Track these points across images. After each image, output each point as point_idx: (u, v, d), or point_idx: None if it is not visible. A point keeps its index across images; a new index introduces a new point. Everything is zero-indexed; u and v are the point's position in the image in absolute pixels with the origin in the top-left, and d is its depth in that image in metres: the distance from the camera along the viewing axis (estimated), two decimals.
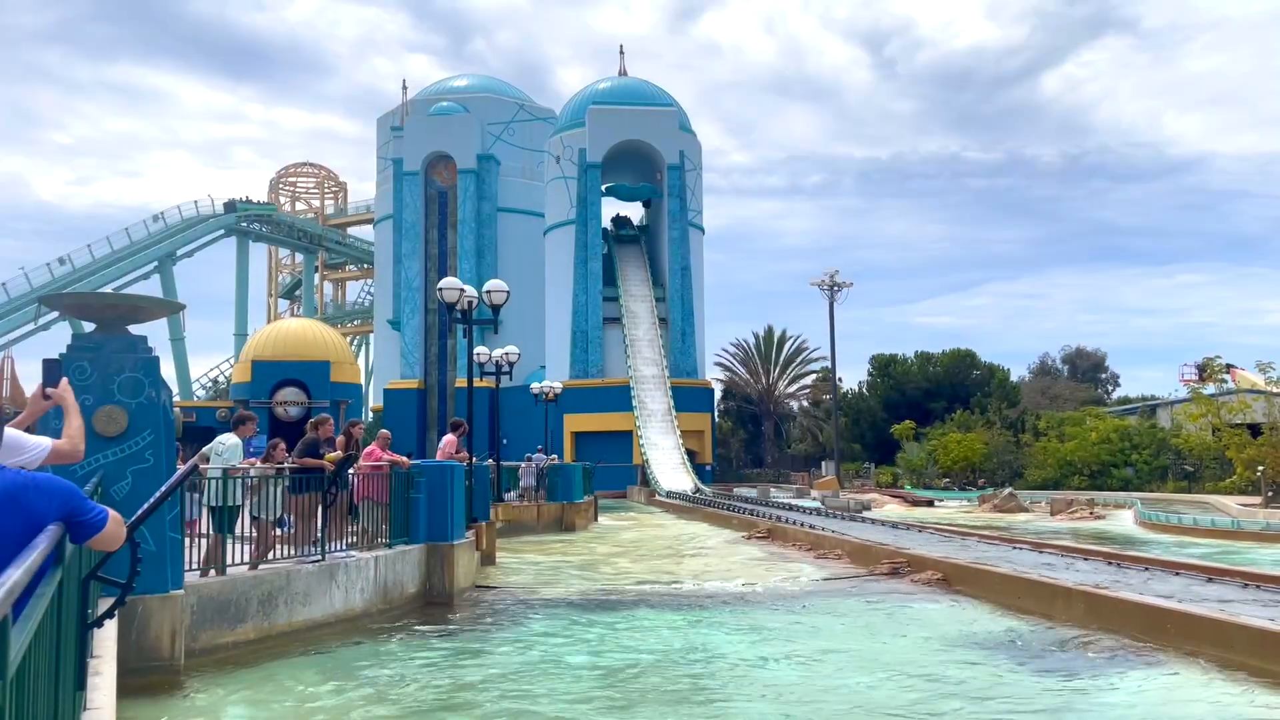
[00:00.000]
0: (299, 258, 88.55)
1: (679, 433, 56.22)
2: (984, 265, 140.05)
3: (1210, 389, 50.56)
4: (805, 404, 78.02)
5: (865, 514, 33.45)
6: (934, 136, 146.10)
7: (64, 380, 4.03)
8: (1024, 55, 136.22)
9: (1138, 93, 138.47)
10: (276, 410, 40.76)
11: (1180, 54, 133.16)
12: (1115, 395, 71.94)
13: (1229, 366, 54.40)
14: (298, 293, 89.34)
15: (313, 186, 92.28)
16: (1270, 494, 34.63)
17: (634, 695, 8.60)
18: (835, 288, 55.23)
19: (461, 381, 42.38)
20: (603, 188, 64.82)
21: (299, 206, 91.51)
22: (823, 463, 61.83)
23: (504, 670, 9.69)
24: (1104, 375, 75.64)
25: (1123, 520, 33.70)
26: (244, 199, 79.69)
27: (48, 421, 4.63)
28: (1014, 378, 69.30)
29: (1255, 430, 42.82)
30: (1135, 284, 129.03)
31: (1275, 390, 47.18)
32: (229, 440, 10.91)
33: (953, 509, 40.89)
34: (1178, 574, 14.04)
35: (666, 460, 53.96)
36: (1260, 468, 36.80)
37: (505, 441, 35.99)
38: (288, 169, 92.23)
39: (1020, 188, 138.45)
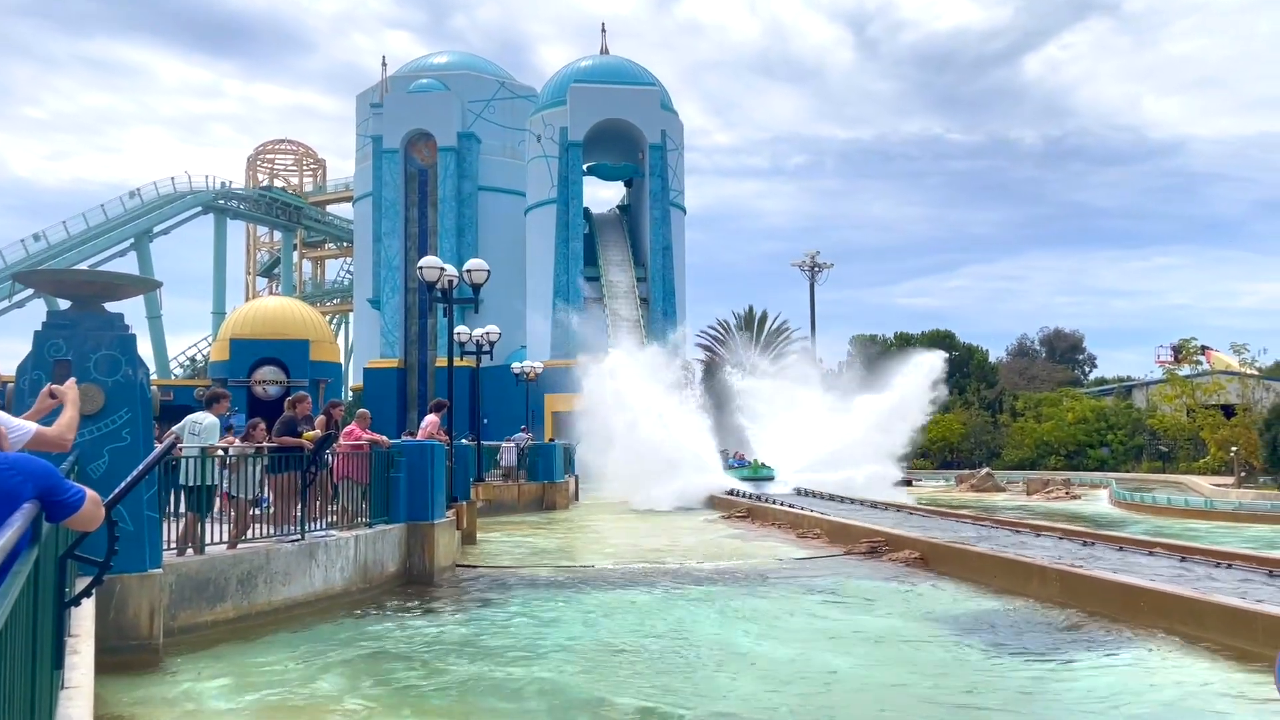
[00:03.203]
0: (277, 236, 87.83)
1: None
2: (964, 247, 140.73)
3: (1185, 370, 51.17)
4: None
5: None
6: (916, 118, 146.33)
7: (71, 380, 4.25)
8: (1006, 37, 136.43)
9: (1118, 76, 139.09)
10: (255, 389, 40.57)
11: (1160, 37, 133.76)
12: (1092, 376, 72.55)
13: (1204, 348, 55.06)
14: (276, 271, 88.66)
15: (291, 164, 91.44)
16: (1243, 474, 35.11)
17: (611, 670, 8.65)
18: (816, 268, 55.39)
19: (442, 361, 42.17)
20: (584, 167, 64.54)
21: (277, 184, 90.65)
22: None
23: (483, 647, 9.73)
24: (1081, 356, 76.18)
25: (1098, 500, 34.10)
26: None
27: (53, 420, 4.64)
28: (992, 359, 69.79)
29: (1229, 411, 43.36)
30: (1113, 266, 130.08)
31: (1249, 372, 47.78)
32: (205, 419, 10.83)
33: (931, 489, 41.23)
34: (1151, 553, 14.23)
35: None
36: (1234, 448, 37.30)
37: (486, 421, 35.92)
38: (266, 145, 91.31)
39: (1001, 170, 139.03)
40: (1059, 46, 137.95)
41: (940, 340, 68.18)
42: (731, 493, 29.69)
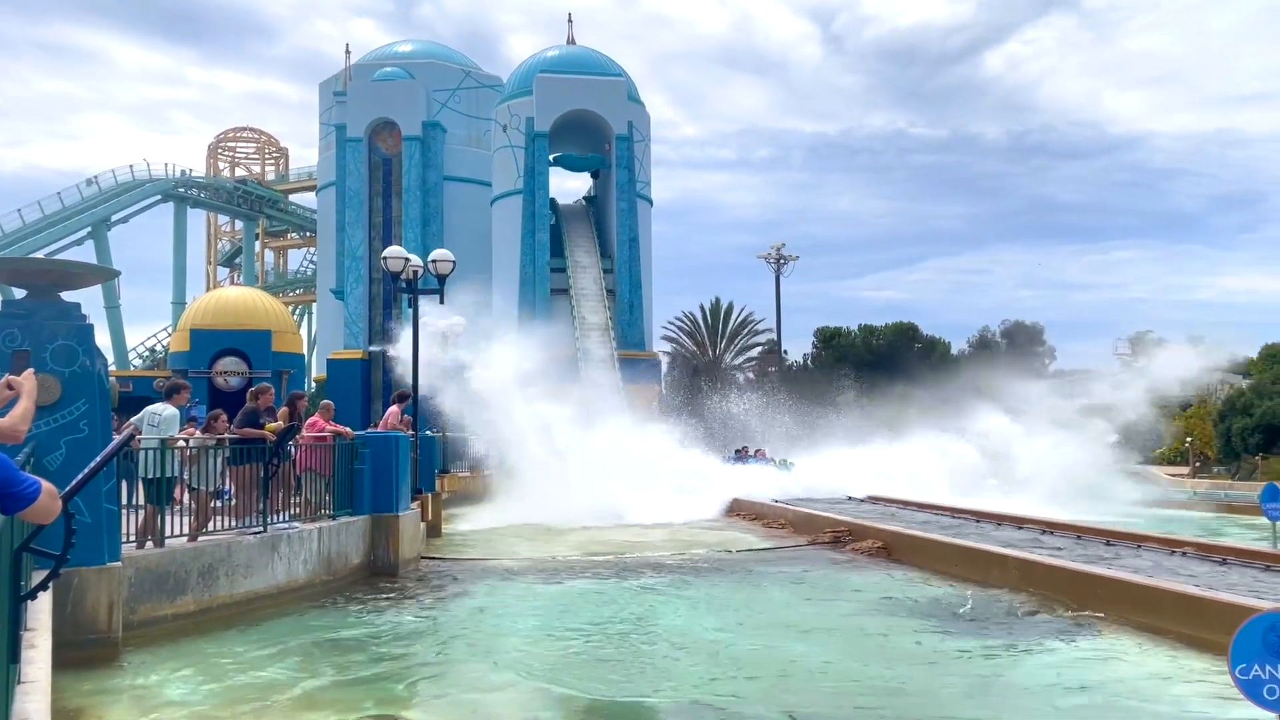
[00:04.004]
0: (239, 225, 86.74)
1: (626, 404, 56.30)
2: (928, 240, 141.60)
3: (1143, 362, 51.96)
4: (751, 376, 78.63)
5: None
6: (881, 112, 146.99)
7: (29, 370, 4.16)
8: (969, 32, 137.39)
9: (1079, 71, 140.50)
10: (217, 380, 40.09)
11: (1120, 33, 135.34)
12: (1052, 368, 73.45)
13: (1161, 341, 55.91)
14: (238, 260, 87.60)
15: (253, 152, 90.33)
16: (1198, 464, 35.80)
17: (574, 660, 8.67)
18: (782, 261, 55.62)
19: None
20: (550, 158, 64.29)
21: (239, 172, 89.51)
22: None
23: (446, 638, 9.71)
24: (1041, 349, 77.08)
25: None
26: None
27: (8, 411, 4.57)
28: (955, 350, 70.47)
29: (1185, 403, 44.17)
30: (1073, 260, 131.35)
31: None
32: (165, 410, 10.69)
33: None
34: (1108, 542, 14.47)
35: None
36: (1189, 439, 38.02)
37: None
38: (227, 133, 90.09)
39: (964, 164, 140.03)
40: (1021, 42, 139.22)
41: (904, 332, 68.85)
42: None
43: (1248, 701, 5.39)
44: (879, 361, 65.78)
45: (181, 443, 10.82)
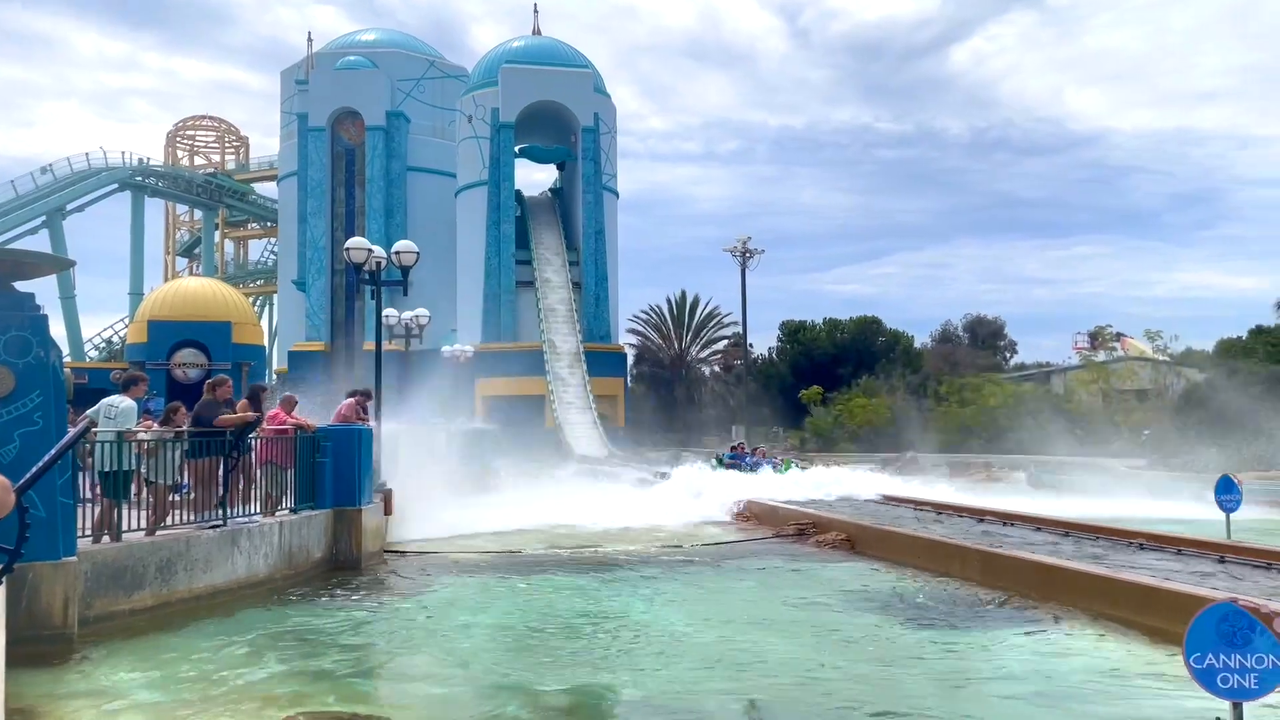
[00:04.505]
0: (198, 214, 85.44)
1: (592, 397, 56.28)
2: (892, 234, 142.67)
3: (1101, 357, 52.86)
4: (717, 369, 78.85)
5: None
6: (847, 106, 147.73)
7: None
8: (934, 28, 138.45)
9: (1041, 68, 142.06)
10: (175, 372, 39.41)
11: (1082, 30, 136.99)
12: (1013, 362, 74.30)
13: (1119, 335, 56.91)
14: (197, 251, 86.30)
15: (212, 140, 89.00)
16: (1155, 457, 36.42)
17: (538, 654, 8.65)
18: (747, 254, 55.75)
19: (370, 344, 41.59)
20: (516, 149, 63.97)
21: (198, 161, 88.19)
22: (733, 427, 62.62)
23: (409, 632, 9.65)
24: (1002, 343, 77.91)
25: (1017, 481, 35.03)
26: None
27: None
28: (918, 344, 71.08)
29: (1142, 396, 44.96)
30: (1034, 255, 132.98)
31: (1161, 358, 49.57)
32: (122, 403, 10.51)
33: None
34: (1068, 534, 14.67)
35: (579, 424, 54.00)
36: (1146, 432, 38.67)
37: (416, 406, 35.50)
38: (186, 121, 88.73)
39: (928, 159, 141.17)
40: (985, 38, 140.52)
41: (868, 326, 69.33)
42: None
43: (1202, 690, 5.49)
44: (843, 355, 66.19)
45: (139, 436, 10.65)
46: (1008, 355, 76.55)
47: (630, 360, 72.79)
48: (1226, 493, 14.79)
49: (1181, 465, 33.26)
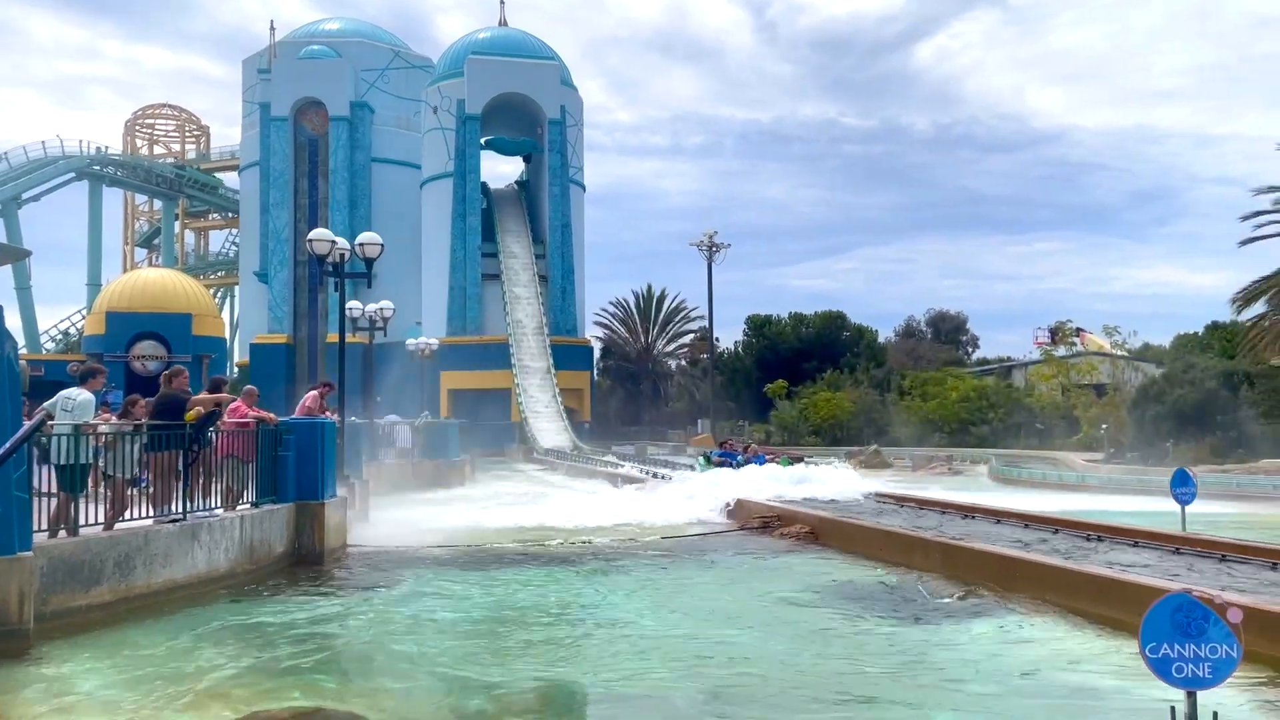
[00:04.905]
0: (157, 204, 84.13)
1: (558, 390, 56.17)
2: (857, 230, 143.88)
3: (1061, 351, 53.58)
4: (683, 363, 79.04)
5: None
6: (813, 101, 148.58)
7: None
8: (900, 24, 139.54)
9: (1005, 66, 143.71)
10: (134, 365, 38.94)
11: (1044, 29, 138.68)
12: (975, 356, 75.17)
13: (1079, 330, 57.71)
14: (156, 241, 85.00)
15: (172, 129, 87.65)
16: (1112, 451, 36.99)
17: (504, 648, 8.64)
18: (714, 249, 55.88)
19: (333, 337, 41.06)
20: (482, 141, 63.62)
21: (157, 150, 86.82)
22: (699, 420, 62.83)
23: (373, 627, 9.59)
24: (965, 337, 78.81)
25: (978, 475, 35.48)
26: None
27: None
28: (881, 339, 71.64)
29: (1100, 390, 45.61)
30: (996, 251, 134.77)
31: (1120, 353, 50.33)
32: (80, 396, 10.34)
33: (822, 466, 42.12)
34: (1027, 526, 14.87)
35: (545, 418, 53.92)
36: (1104, 426, 39.26)
37: (379, 399, 35.27)
38: (145, 110, 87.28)
39: (894, 155, 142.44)
40: (949, 35, 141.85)
41: (832, 321, 69.73)
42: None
43: (1158, 679, 5.58)
44: (808, 349, 66.56)
45: (97, 429, 10.48)
46: (970, 350, 77.45)
47: (597, 354, 72.85)
48: (1182, 486, 15.06)
49: (1138, 459, 33.82)
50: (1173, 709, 5.75)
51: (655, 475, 26.95)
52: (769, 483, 20.93)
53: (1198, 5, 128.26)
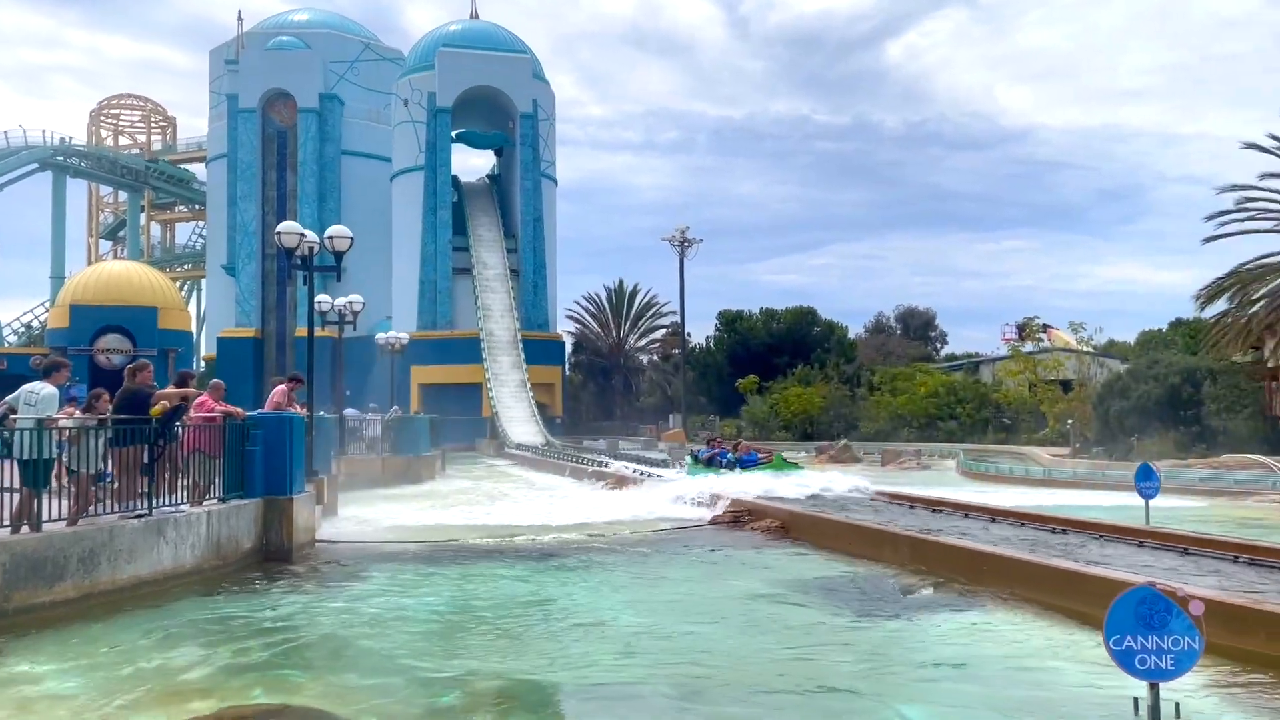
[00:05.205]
0: (122, 196, 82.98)
1: (529, 385, 56.04)
2: (828, 226, 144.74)
3: (1028, 348, 54.15)
4: (655, 358, 79.08)
5: None
6: (785, 98, 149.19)
7: None
8: (870, 22, 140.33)
9: (974, 64, 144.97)
10: (98, 358, 38.46)
11: (1012, 28, 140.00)
12: (943, 352, 75.82)
13: (1046, 327, 58.35)
14: (121, 233, 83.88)
15: (138, 120, 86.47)
16: (1078, 445, 37.44)
17: (474, 643, 8.61)
18: (686, 244, 55.93)
19: (302, 330, 40.72)
20: (453, 134, 63.28)
21: (123, 141, 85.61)
22: (670, 415, 62.92)
23: (342, 622, 9.53)
24: (933, 333, 79.47)
25: (946, 469, 35.80)
26: None
27: None
28: (852, 334, 72.07)
29: (1066, 386, 46.14)
30: (965, 248, 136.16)
31: (1085, 349, 50.94)
32: (43, 389, 10.18)
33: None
34: (994, 520, 15.01)
35: (516, 413, 53.79)
36: (1070, 421, 39.73)
37: (349, 393, 35.03)
38: (110, 100, 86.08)
39: (864, 152, 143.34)
40: (919, 33, 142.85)
41: (803, 316, 70.05)
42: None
43: (1121, 671, 5.66)
44: (779, 345, 66.83)
45: (60, 423, 10.33)
46: (939, 346, 78.13)
47: (568, 348, 72.71)
48: (1145, 480, 15.26)
49: (1104, 454, 34.26)
50: (1136, 700, 5.84)
51: (649, 475, 24.65)
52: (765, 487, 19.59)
53: (1161, 6, 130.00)
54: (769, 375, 61.15)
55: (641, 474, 25.30)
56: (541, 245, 62.83)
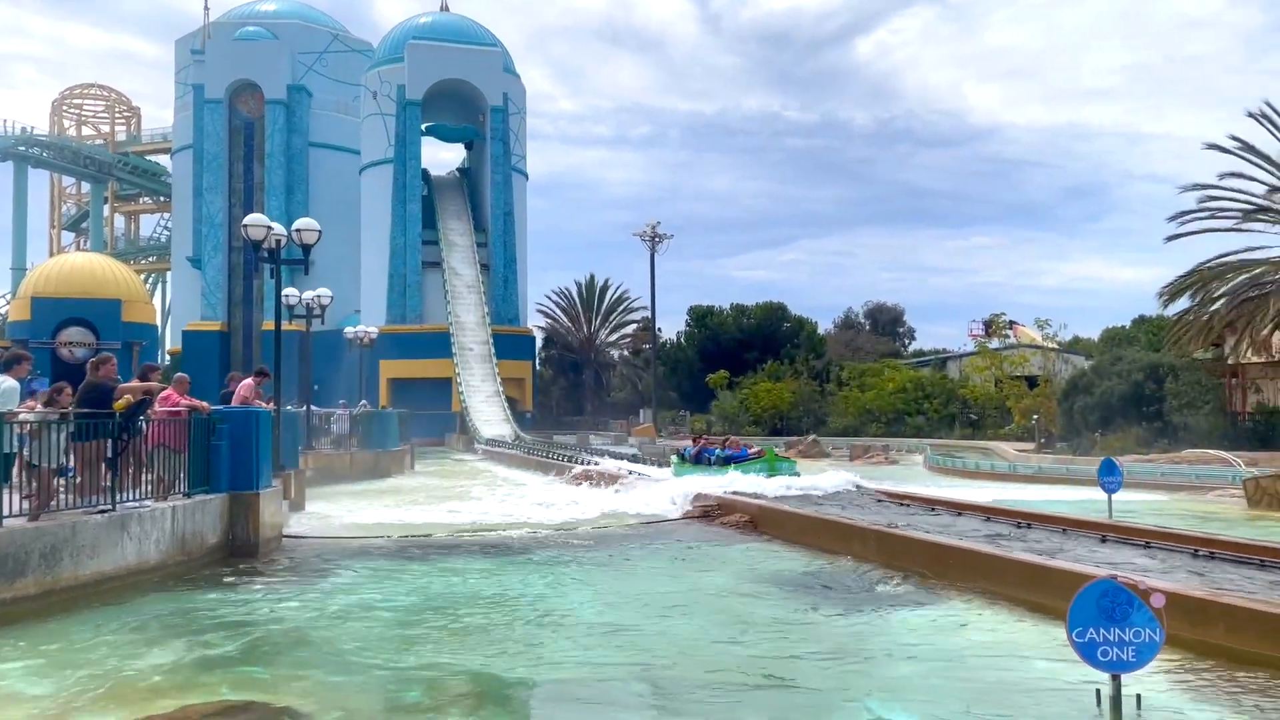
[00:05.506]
0: (85, 187, 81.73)
1: (499, 380, 55.84)
2: (798, 222, 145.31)
3: (995, 344, 54.67)
4: (626, 353, 79.04)
5: None
6: (756, 94, 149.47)
7: None
8: (840, 19, 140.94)
9: (942, 62, 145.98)
10: (61, 351, 37.83)
11: (981, 26, 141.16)
12: (911, 348, 76.42)
13: (1012, 323, 58.91)
14: (84, 225, 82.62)
15: (102, 110, 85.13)
16: (1043, 440, 37.88)
17: (440, 638, 8.58)
18: (657, 239, 55.93)
19: (269, 324, 40.20)
20: (422, 127, 62.84)
21: (86, 131, 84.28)
22: (641, 410, 62.96)
23: (308, 618, 9.46)
24: (902, 329, 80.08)
25: (914, 464, 36.10)
26: None
27: None
28: (821, 330, 72.42)
29: (1032, 382, 46.66)
30: (933, 245, 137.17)
31: (1051, 346, 51.52)
32: (4, 383, 10.02)
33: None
34: (960, 514, 15.16)
35: (486, 408, 53.56)
36: (1035, 416, 40.18)
37: (317, 388, 34.76)
38: (73, 89, 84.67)
39: (834, 149, 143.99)
40: (889, 31, 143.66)
41: (773, 312, 70.29)
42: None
43: (1084, 663, 5.73)
44: (749, 340, 67.04)
45: (21, 417, 10.17)
46: (907, 342, 78.72)
47: (539, 343, 72.54)
48: (1109, 474, 15.48)
49: (1068, 449, 34.68)
50: (1098, 691, 5.92)
51: (640, 476, 22.94)
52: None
53: (1127, 6, 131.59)
54: (739, 370, 61.33)
55: (632, 474, 23.28)
56: (512, 239, 62.57)
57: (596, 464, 26.68)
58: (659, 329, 66.02)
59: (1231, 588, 8.68)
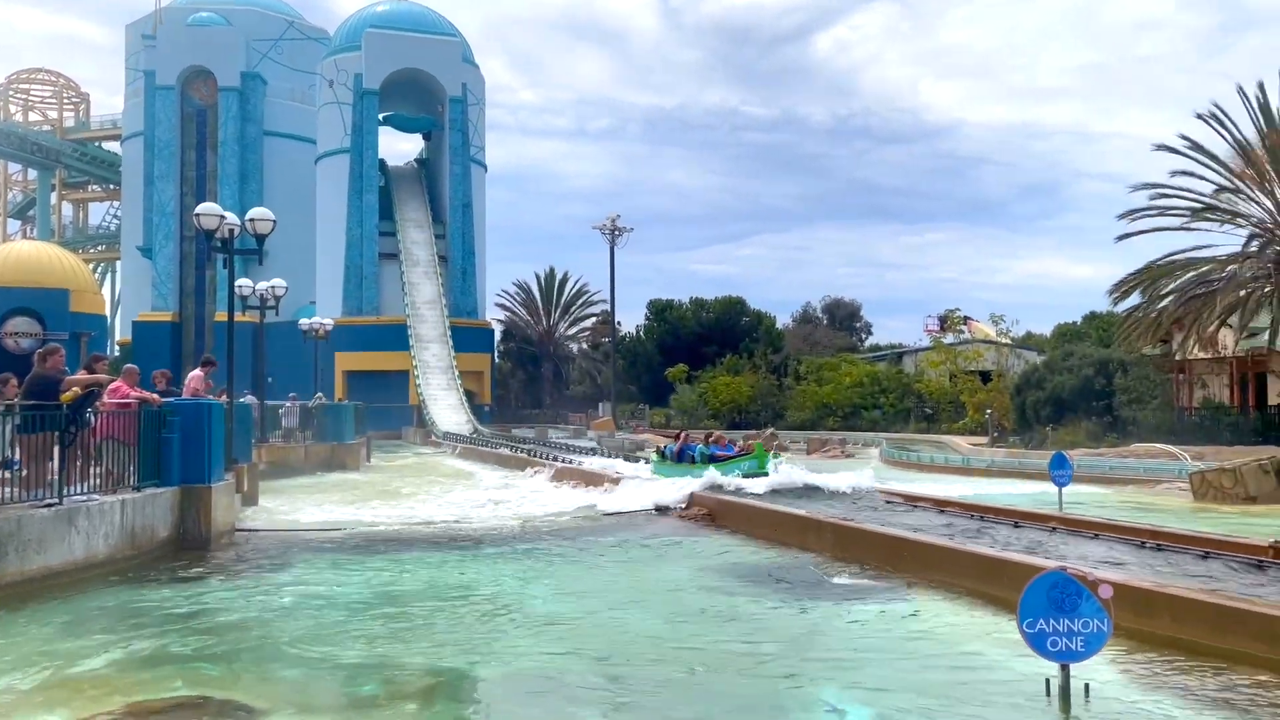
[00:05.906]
0: (32, 174, 79.89)
1: (457, 373, 55.49)
2: (757, 217, 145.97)
3: (949, 339, 55.41)
4: (585, 346, 78.94)
5: (639, 454, 34.34)
6: (716, 89, 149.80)
7: None
8: (800, 15, 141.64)
9: (900, 59, 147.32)
10: (6, 342, 37.04)
11: (939, 24, 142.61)
12: (868, 343, 77.15)
13: (967, 319, 59.73)
14: (31, 213, 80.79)
15: (49, 96, 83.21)
16: (996, 435, 38.45)
17: (398, 633, 8.51)
18: (616, 232, 55.90)
19: (221, 315, 39.47)
20: (380, 117, 62.17)
21: (33, 117, 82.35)
22: (600, 404, 62.90)
23: (261, 613, 9.34)
24: (859, 324, 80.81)
25: (870, 458, 36.44)
26: None
27: None
28: (779, 324, 72.87)
29: (986, 377, 47.37)
30: (890, 240, 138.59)
31: (1004, 341, 52.32)
32: None
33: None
34: (915, 507, 15.34)
35: (444, 401, 53.22)
36: (988, 410, 40.78)
37: (271, 380, 34.28)
38: (19, 74, 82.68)
39: (793, 144, 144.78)
40: (848, 27, 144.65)
41: (732, 306, 70.56)
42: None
43: (1034, 653, 5.82)
44: (709, 334, 67.26)
45: None
46: (863, 336, 79.44)
47: (497, 336, 72.16)
48: (1059, 468, 15.75)
49: (1020, 442, 35.23)
50: (1048, 681, 6.03)
51: (626, 477, 20.89)
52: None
53: (1081, 7, 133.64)
54: (698, 364, 61.52)
55: (618, 473, 21.44)
56: (471, 231, 62.17)
57: (581, 464, 24.78)
58: (619, 322, 66.07)
59: (1177, 578, 8.87)
